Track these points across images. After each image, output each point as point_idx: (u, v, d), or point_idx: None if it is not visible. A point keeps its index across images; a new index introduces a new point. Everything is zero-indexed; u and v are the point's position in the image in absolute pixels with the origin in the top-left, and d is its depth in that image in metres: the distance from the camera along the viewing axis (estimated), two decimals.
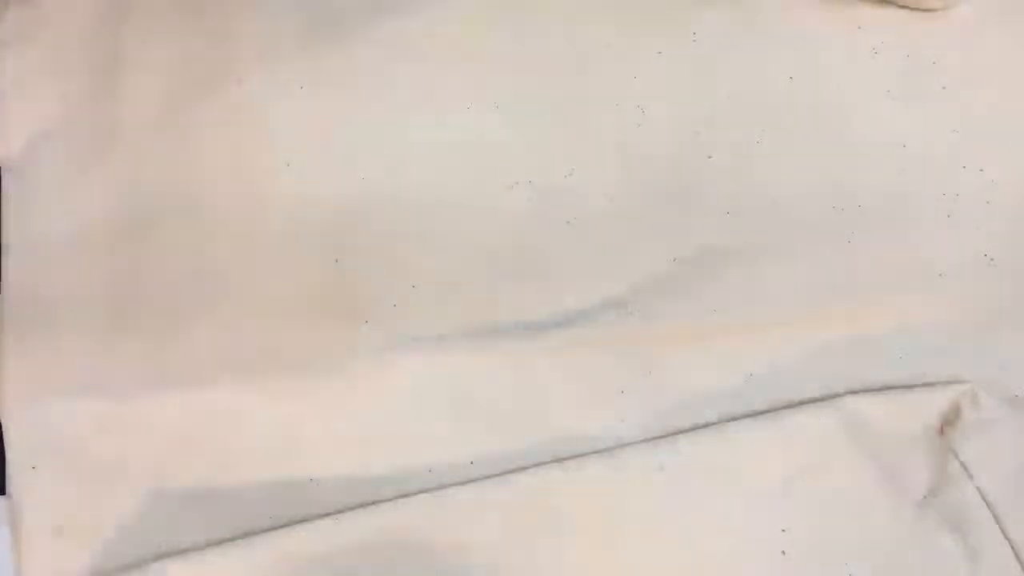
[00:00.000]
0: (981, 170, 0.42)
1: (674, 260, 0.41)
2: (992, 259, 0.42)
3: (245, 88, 0.42)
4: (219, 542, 0.39)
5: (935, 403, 0.40)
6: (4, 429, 0.40)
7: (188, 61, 0.43)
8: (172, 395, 0.40)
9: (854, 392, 0.40)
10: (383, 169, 0.42)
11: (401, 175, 0.42)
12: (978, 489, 0.39)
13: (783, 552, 0.39)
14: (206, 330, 0.40)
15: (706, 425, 0.40)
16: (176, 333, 0.40)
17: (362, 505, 0.39)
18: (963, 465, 0.39)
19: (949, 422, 0.39)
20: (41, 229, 0.41)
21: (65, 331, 0.40)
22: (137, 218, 0.41)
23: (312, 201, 0.42)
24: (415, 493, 0.39)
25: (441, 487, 0.39)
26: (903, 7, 0.43)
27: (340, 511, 0.39)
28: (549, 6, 0.43)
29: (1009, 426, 0.39)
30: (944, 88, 0.43)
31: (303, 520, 0.39)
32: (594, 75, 0.43)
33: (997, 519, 0.38)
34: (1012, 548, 0.38)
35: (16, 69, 0.43)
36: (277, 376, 0.40)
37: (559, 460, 0.40)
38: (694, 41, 0.43)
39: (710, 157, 0.42)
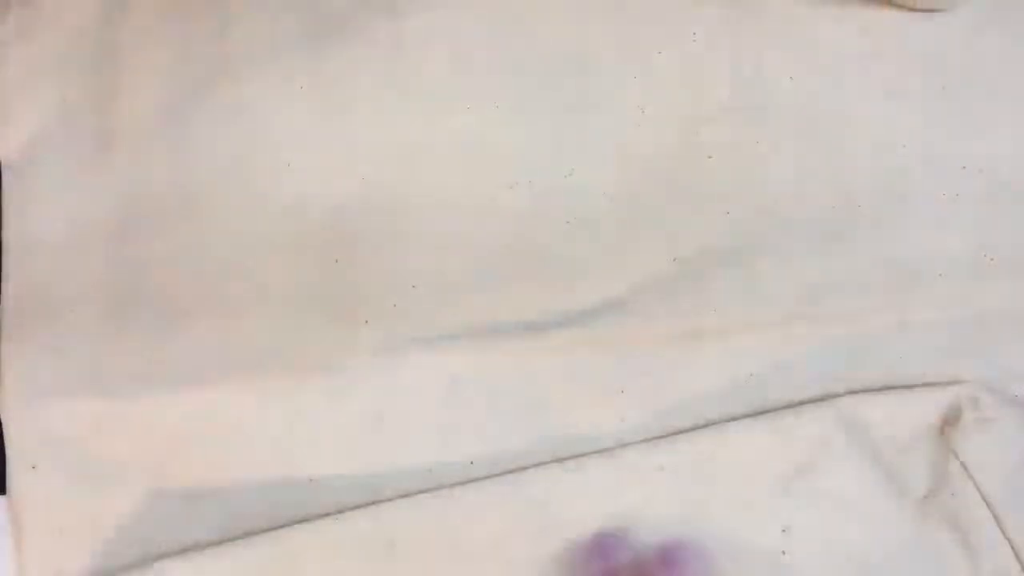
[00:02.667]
0: (981, 170, 0.42)
1: (674, 260, 0.41)
2: (992, 259, 0.42)
3: (245, 88, 0.42)
4: (219, 542, 0.39)
5: (935, 403, 0.40)
6: (4, 429, 0.40)
7: (188, 61, 0.42)
8: (172, 395, 0.40)
9: (853, 392, 0.40)
10: (383, 169, 0.42)
11: (401, 175, 0.42)
12: (978, 489, 0.39)
13: (783, 552, 0.39)
14: (206, 330, 0.40)
15: (706, 425, 0.40)
16: (176, 333, 0.40)
17: (362, 505, 0.39)
18: (963, 465, 0.39)
19: (949, 422, 0.39)
20: (41, 229, 0.41)
21: (65, 331, 0.40)
22: (137, 218, 0.41)
23: (312, 201, 0.42)
24: (415, 493, 0.39)
25: (441, 487, 0.39)
26: (902, 7, 0.43)
27: (340, 511, 0.39)
28: (549, 6, 0.43)
29: (1009, 426, 0.39)
30: (944, 88, 0.43)
31: (303, 520, 0.39)
32: (594, 75, 0.42)
33: (997, 519, 0.38)
34: (1012, 548, 0.38)
35: (17, 69, 0.42)
36: (277, 376, 0.40)
37: (559, 460, 0.40)
38: (694, 41, 0.43)
39: (710, 157, 0.42)
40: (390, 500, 0.39)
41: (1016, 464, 0.39)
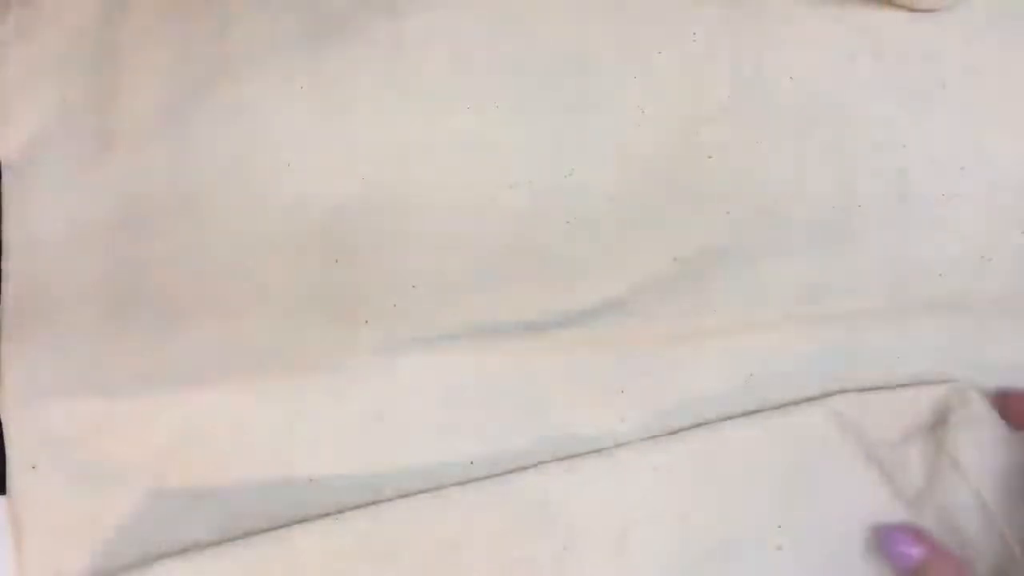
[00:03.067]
0: (981, 171, 0.42)
1: (674, 260, 0.41)
2: (990, 259, 0.42)
3: (245, 88, 0.42)
4: (219, 542, 0.39)
5: (926, 401, 0.40)
6: (4, 429, 0.40)
7: (188, 61, 0.42)
8: (172, 395, 0.40)
9: (845, 391, 0.40)
10: (383, 169, 0.42)
11: (401, 175, 0.42)
12: (969, 485, 0.39)
13: (779, 548, 0.39)
14: (206, 330, 0.40)
15: (704, 424, 0.40)
16: (176, 333, 0.40)
17: (362, 505, 0.39)
18: (954, 462, 0.39)
19: (940, 420, 0.40)
20: (41, 229, 0.41)
21: (65, 331, 0.40)
22: (137, 218, 0.41)
23: (312, 201, 0.42)
24: (415, 493, 0.39)
25: (441, 487, 0.39)
26: (903, 7, 0.42)
27: (340, 511, 0.39)
28: (549, 6, 0.43)
29: (999, 424, 0.39)
30: (944, 88, 0.43)
31: (303, 520, 0.39)
32: (594, 75, 0.42)
33: (988, 515, 0.38)
34: (1004, 543, 0.38)
35: (17, 69, 0.42)
36: (277, 376, 0.40)
37: (559, 460, 0.40)
38: (694, 41, 0.43)
39: (710, 157, 0.42)
40: (390, 500, 0.39)
41: (1006, 460, 0.39)
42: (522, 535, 0.39)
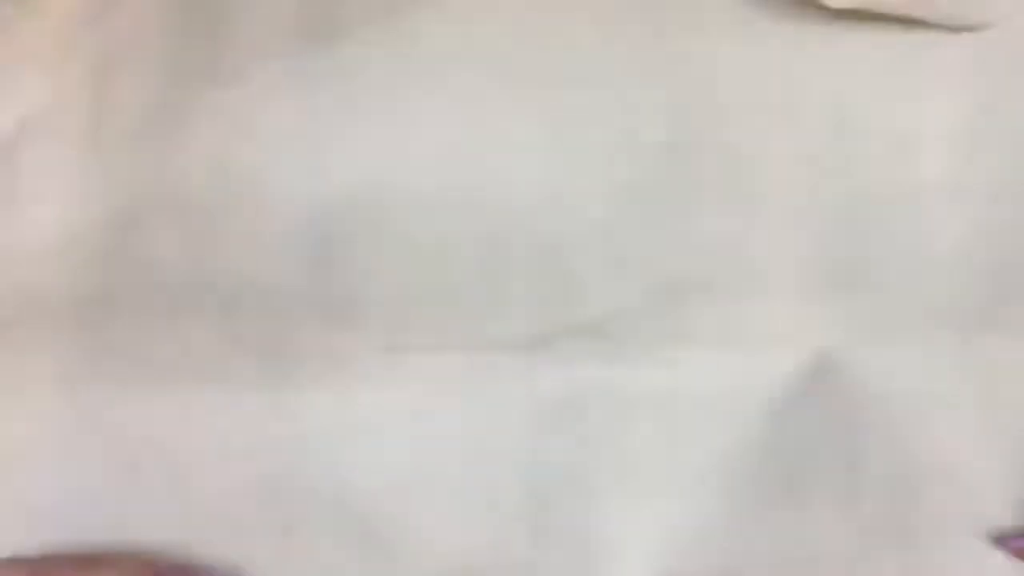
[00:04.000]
0: (986, 172, 0.42)
1: (674, 261, 0.41)
2: (994, 258, 0.41)
3: (240, 85, 0.42)
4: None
5: None
6: None
7: (182, 56, 0.42)
8: (161, 396, 0.40)
9: None
10: (374, 170, 0.41)
11: (392, 176, 0.41)
12: None
13: None
14: (197, 330, 0.40)
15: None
16: (165, 332, 0.40)
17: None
18: None
19: None
20: (25, 227, 0.41)
21: (48, 331, 0.40)
22: (125, 216, 0.41)
23: (307, 201, 0.41)
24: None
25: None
26: (937, 27, 0.42)
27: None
28: (547, 7, 0.42)
29: None
30: (949, 88, 0.42)
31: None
32: (592, 76, 0.42)
33: None
34: None
35: (4, 59, 0.42)
36: (266, 377, 0.40)
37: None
38: (695, 41, 0.42)
39: (710, 158, 0.42)
40: None
41: None
42: None
